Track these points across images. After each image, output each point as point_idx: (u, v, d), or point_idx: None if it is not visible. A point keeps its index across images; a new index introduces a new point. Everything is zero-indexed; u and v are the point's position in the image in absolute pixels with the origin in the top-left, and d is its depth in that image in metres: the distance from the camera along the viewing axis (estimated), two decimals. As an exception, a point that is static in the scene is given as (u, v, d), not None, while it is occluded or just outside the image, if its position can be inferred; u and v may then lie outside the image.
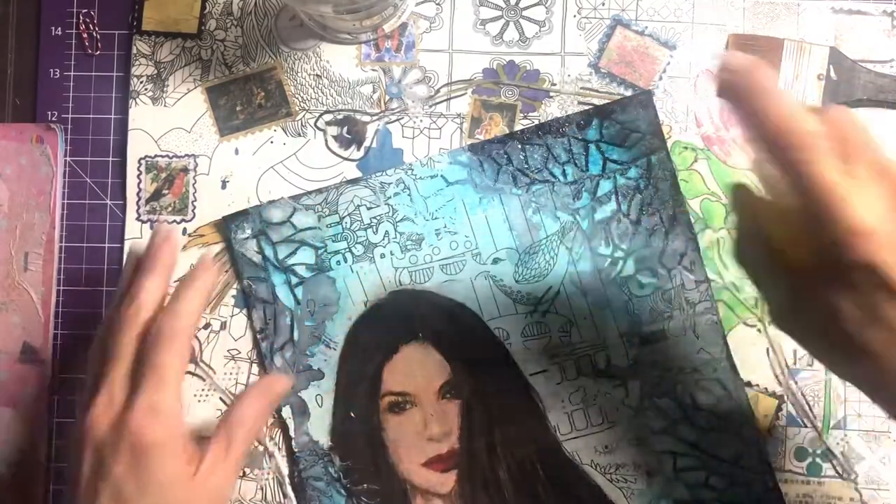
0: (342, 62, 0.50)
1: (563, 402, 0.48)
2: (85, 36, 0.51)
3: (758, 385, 0.48)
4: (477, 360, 0.48)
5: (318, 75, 0.50)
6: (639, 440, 0.48)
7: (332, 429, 0.49)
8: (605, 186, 0.49)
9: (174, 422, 0.38)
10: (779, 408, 0.48)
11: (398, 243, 0.49)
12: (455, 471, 0.48)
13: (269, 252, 0.49)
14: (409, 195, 0.49)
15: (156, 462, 0.37)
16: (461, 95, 0.50)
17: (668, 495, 0.48)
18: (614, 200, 0.49)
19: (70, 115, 0.50)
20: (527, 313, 0.48)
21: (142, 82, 0.50)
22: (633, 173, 0.49)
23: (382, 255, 0.49)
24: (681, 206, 0.48)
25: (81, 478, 0.38)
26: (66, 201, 0.50)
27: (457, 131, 0.50)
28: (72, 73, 0.51)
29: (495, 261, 0.49)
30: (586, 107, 0.49)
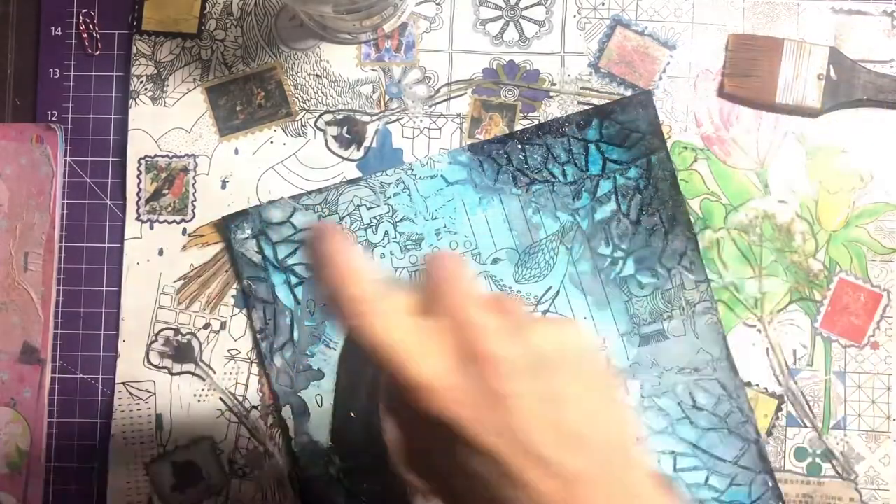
0: (342, 62, 0.50)
1: (562, 402, 0.48)
2: (85, 36, 0.51)
3: (758, 385, 0.48)
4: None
5: (318, 75, 0.50)
6: (639, 440, 0.48)
7: (332, 429, 0.49)
8: (604, 186, 0.49)
9: None
10: (779, 408, 0.48)
11: (398, 243, 0.49)
12: (454, 471, 0.48)
13: (268, 252, 0.49)
14: (409, 195, 0.49)
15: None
16: (461, 95, 0.50)
17: (667, 495, 0.48)
18: (614, 200, 0.49)
19: (70, 115, 0.50)
20: (527, 313, 0.49)
21: (142, 82, 0.50)
22: (633, 173, 0.49)
23: (382, 255, 0.49)
24: (680, 206, 0.48)
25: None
26: (66, 201, 0.50)
27: (457, 131, 0.50)
28: (72, 73, 0.51)
29: (495, 261, 0.49)
30: (586, 107, 0.49)
